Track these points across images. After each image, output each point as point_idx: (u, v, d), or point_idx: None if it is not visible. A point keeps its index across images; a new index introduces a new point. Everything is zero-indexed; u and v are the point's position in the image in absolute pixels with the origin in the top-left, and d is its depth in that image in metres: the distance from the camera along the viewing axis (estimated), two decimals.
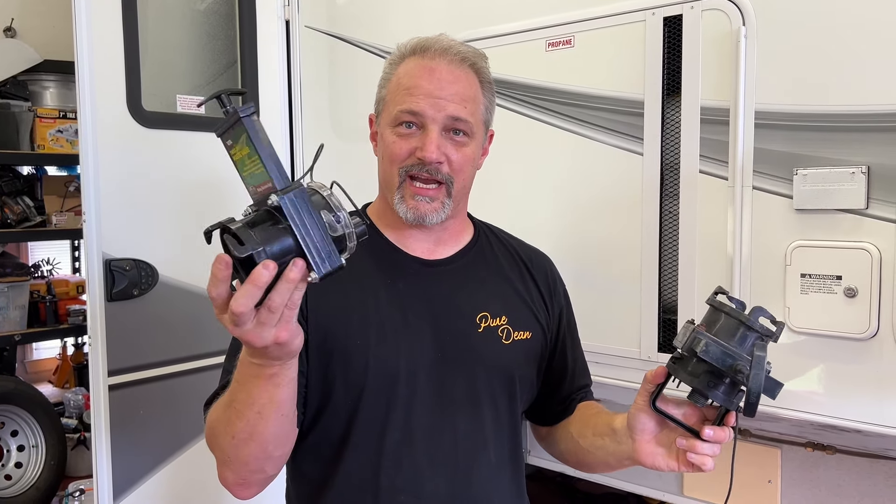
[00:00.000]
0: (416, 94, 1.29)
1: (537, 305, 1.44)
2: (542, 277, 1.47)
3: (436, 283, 1.35)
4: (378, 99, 1.38)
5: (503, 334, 1.36)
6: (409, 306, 1.32)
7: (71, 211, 3.98)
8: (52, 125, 3.80)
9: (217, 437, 1.17)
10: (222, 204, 2.47)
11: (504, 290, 1.41)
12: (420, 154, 1.28)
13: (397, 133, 1.30)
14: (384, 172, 1.34)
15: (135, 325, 2.24)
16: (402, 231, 1.37)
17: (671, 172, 1.82)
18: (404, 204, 1.30)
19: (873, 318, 1.52)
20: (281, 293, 0.92)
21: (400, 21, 2.34)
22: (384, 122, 1.34)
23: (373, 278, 1.32)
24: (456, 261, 1.40)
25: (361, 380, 1.26)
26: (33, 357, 5.44)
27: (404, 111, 1.29)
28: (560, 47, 1.97)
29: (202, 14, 2.52)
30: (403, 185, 1.30)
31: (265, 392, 1.06)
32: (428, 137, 1.28)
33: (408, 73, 1.32)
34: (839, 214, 1.56)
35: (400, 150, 1.29)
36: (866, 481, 1.90)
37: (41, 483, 3.62)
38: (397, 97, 1.31)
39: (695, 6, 1.72)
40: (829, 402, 1.62)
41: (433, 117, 1.28)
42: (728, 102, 1.68)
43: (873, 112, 1.51)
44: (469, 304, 1.35)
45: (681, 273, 1.78)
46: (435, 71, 1.31)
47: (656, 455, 1.22)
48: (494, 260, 1.44)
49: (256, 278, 0.90)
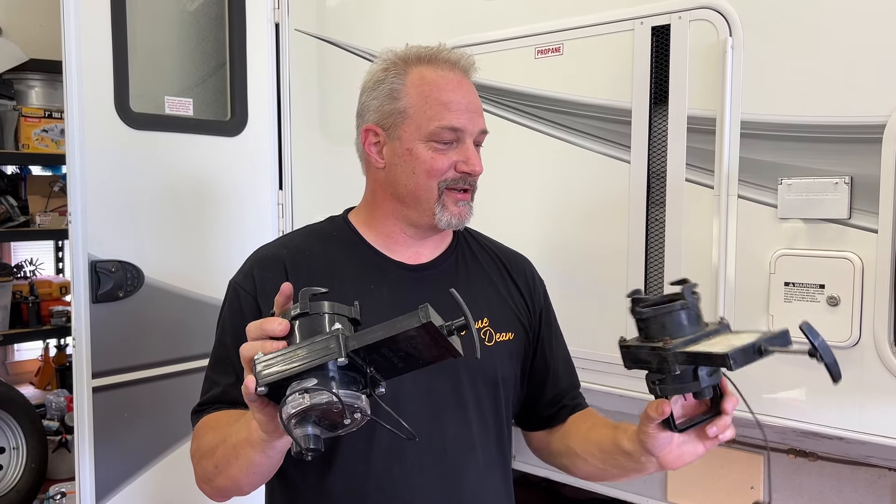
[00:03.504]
0: (453, 108, 1.30)
1: (518, 306, 1.44)
2: (521, 278, 1.48)
3: (419, 288, 1.35)
4: (391, 110, 1.33)
5: (486, 336, 1.37)
6: (392, 313, 1.31)
7: (55, 211, 3.94)
8: (38, 124, 3.76)
9: (200, 458, 1.21)
10: (209, 206, 2.47)
11: (485, 291, 1.42)
12: (467, 168, 1.31)
13: (434, 149, 1.30)
14: (416, 185, 1.32)
15: (120, 327, 2.23)
16: (393, 238, 1.38)
17: (658, 180, 1.83)
18: (447, 212, 1.32)
19: (855, 327, 1.54)
20: (252, 345, 0.99)
21: (390, 26, 2.35)
22: (411, 136, 1.31)
23: (355, 283, 1.32)
24: (438, 264, 1.40)
25: None
26: (15, 358, 5.38)
27: (446, 128, 1.29)
28: (549, 55, 1.98)
29: (192, 15, 2.51)
30: (443, 197, 1.32)
31: (263, 458, 1.10)
32: (470, 151, 1.32)
33: (434, 85, 1.31)
34: (823, 224, 1.58)
35: (442, 165, 1.31)
36: (848, 487, 1.92)
37: (21, 486, 3.57)
38: (431, 111, 1.30)
39: (682, 16, 1.73)
40: (811, 410, 1.63)
41: (471, 132, 1.32)
42: (714, 112, 1.70)
43: (857, 123, 1.53)
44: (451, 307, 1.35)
45: (667, 280, 1.80)
46: (462, 84, 1.33)
47: (683, 456, 1.18)
48: (475, 262, 1.45)
49: (267, 321, 1.00)
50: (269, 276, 1.30)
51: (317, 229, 1.44)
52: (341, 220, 1.43)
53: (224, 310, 1.35)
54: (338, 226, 1.42)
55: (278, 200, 2.63)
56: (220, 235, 2.46)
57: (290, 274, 1.30)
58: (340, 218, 1.44)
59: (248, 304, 1.30)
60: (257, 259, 1.36)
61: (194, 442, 1.26)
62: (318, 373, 0.91)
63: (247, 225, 2.53)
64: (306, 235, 1.42)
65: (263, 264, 1.34)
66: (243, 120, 2.54)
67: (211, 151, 2.45)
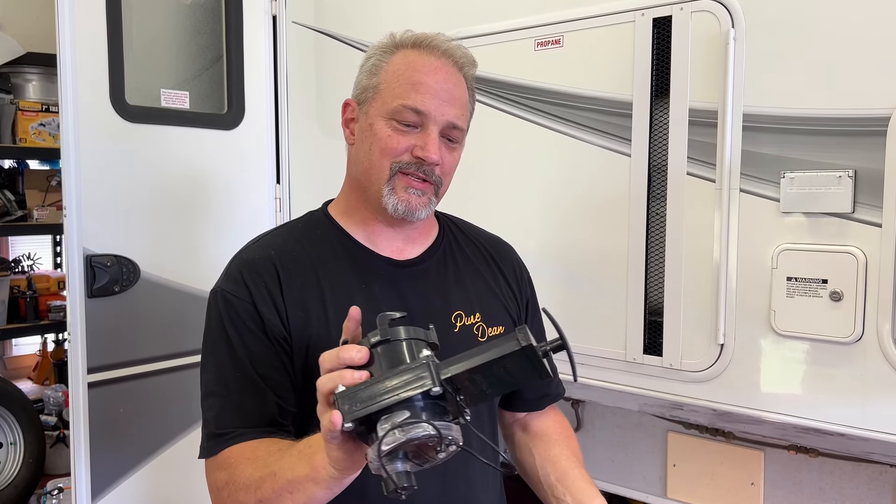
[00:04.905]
0: (422, 91, 1.24)
1: (507, 298, 1.42)
2: (509, 269, 1.45)
3: (409, 285, 1.32)
4: (367, 85, 1.29)
5: (478, 332, 1.34)
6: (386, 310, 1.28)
7: (53, 205, 3.93)
8: (35, 118, 3.75)
9: (236, 491, 1.12)
10: (206, 200, 2.45)
11: (475, 286, 1.39)
12: (422, 154, 1.24)
13: (393, 127, 1.24)
14: (370, 163, 1.27)
15: (115, 322, 2.22)
16: (371, 228, 1.32)
17: (659, 174, 1.81)
18: (394, 196, 1.25)
19: (858, 323, 1.52)
20: (331, 377, 0.92)
21: (388, 17, 2.33)
22: (376, 112, 1.26)
23: (346, 283, 1.27)
24: (426, 260, 1.36)
25: None
26: (13, 353, 5.37)
27: (409, 107, 1.23)
28: (549, 47, 1.96)
29: (188, 8, 2.49)
30: (394, 179, 1.25)
31: (328, 494, 1.03)
32: (430, 137, 1.24)
33: (411, 65, 1.26)
34: (825, 218, 1.57)
35: (397, 145, 1.24)
36: (849, 484, 1.91)
37: (19, 481, 3.57)
38: (399, 89, 1.24)
39: (684, 7, 1.71)
40: (812, 406, 1.62)
41: (436, 119, 1.25)
42: (716, 104, 1.68)
43: (861, 116, 1.51)
44: (443, 304, 1.33)
45: (667, 275, 1.78)
46: (441, 71, 1.27)
47: None
48: (462, 256, 1.41)
49: (345, 349, 0.93)
50: (263, 281, 1.24)
51: (298, 227, 1.37)
52: (321, 215, 1.37)
53: (217, 323, 1.24)
54: (319, 222, 1.36)
55: (276, 194, 2.62)
56: (216, 230, 2.45)
57: (283, 277, 1.25)
58: (320, 212, 1.38)
59: (248, 313, 1.22)
60: (245, 263, 1.27)
61: (223, 472, 1.15)
62: (407, 404, 0.86)
63: (244, 219, 2.51)
64: (288, 234, 1.34)
65: (253, 269, 1.25)
66: (240, 113, 2.52)
67: (208, 145, 2.43)
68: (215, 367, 1.23)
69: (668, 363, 1.79)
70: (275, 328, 1.22)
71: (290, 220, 1.42)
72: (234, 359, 1.21)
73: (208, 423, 1.22)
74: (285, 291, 1.24)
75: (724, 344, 1.71)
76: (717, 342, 1.71)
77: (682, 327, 1.76)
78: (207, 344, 1.26)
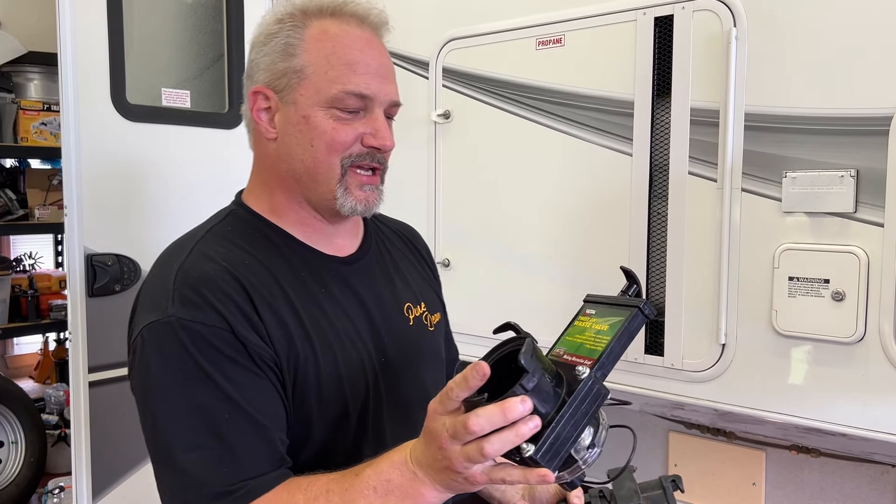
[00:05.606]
0: (361, 71, 1.12)
1: (434, 283, 1.40)
2: (425, 252, 1.42)
3: (359, 282, 1.23)
4: (285, 69, 1.13)
5: (427, 322, 1.30)
6: (351, 314, 1.19)
7: (54, 204, 3.93)
8: (36, 118, 3.75)
9: None
10: (207, 199, 2.44)
11: (411, 274, 1.33)
12: (376, 142, 1.13)
13: (336, 117, 1.12)
14: (315, 161, 1.13)
15: (116, 322, 2.19)
16: (311, 227, 1.20)
17: (660, 173, 1.81)
18: (350, 197, 1.14)
19: (860, 323, 1.52)
20: (503, 440, 0.83)
21: (390, 16, 2.32)
22: (308, 101, 1.12)
23: (309, 290, 1.15)
24: (366, 253, 1.27)
25: (339, 408, 1.14)
26: (14, 352, 5.37)
27: (351, 93, 1.11)
28: (550, 46, 1.95)
29: (189, 7, 2.49)
30: (347, 177, 1.14)
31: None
32: (380, 122, 1.14)
33: (338, 42, 1.13)
34: (827, 218, 1.56)
35: (345, 137, 1.12)
36: (850, 484, 1.91)
37: (20, 480, 3.57)
38: (334, 73, 1.11)
39: (686, 7, 1.71)
40: (814, 405, 1.61)
41: (381, 100, 1.14)
42: (718, 104, 1.68)
43: (863, 115, 1.50)
44: (393, 298, 1.26)
45: (669, 274, 1.78)
46: (372, 44, 1.15)
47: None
48: (391, 244, 1.35)
49: (509, 408, 0.82)
50: (232, 300, 1.05)
51: (229, 230, 1.18)
52: (248, 216, 1.21)
53: (180, 361, 1.01)
54: (251, 223, 1.19)
55: None
56: None
57: (250, 291, 1.07)
58: (245, 212, 1.21)
59: (226, 340, 1.02)
60: (201, 282, 1.05)
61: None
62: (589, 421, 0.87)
63: None
64: (225, 240, 1.15)
65: (215, 286, 1.05)
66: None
67: (209, 144, 2.43)
68: (191, 415, 1.01)
69: (670, 363, 1.79)
70: (261, 352, 1.05)
71: (211, 224, 1.21)
72: (220, 398, 1.01)
73: (201, 485, 0.99)
74: (259, 308, 1.07)
75: (725, 344, 1.71)
76: (718, 342, 1.71)
77: (683, 327, 1.76)
78: (163, 390, 1.02)
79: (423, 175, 2.21)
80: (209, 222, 1.21)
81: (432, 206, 2.19)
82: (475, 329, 2.08)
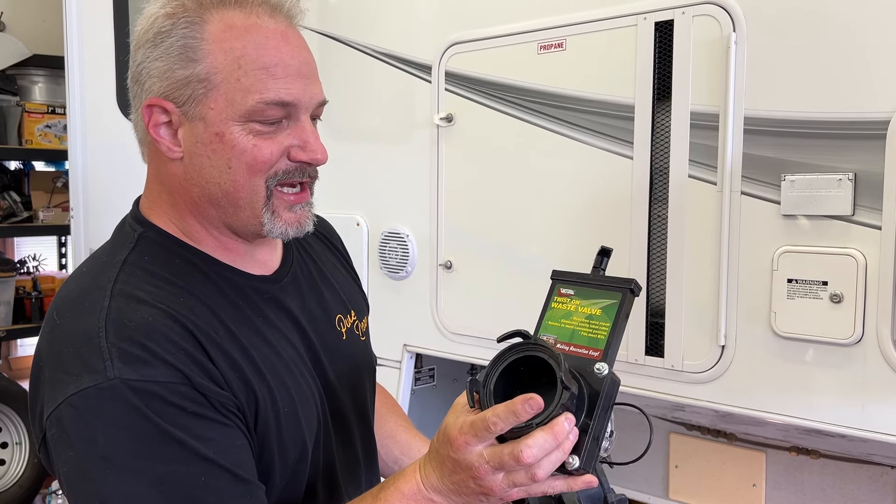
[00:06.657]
0: (279, 74, 0.96)
1: (356, 278, 1.31)
2: (341, 246, 1.31)
3: (290, 301, 1.10)
4: (186, 78, 0.95)
5: (359, 331, 1.22)
6: (292, 339, 1.08)
7: (58, 207, 3.95)
8: (41, 120, 3.77)
9: None
10: None
11: (336, 279, 1.22)
12: (306, 156, 0.99)
13: (255, 132, 0.96)
14: (234, 184, 0.97)
15: None
16: (233, 249, 1.06)
17: (660, 177, 1.82)
18: (279, 220, 1.00)
19: (858, 324, 1.53)
20: (552, 462, 0.82)
21: (392, 20, 2.34)
22: (219, 116, 0.95)
23: (248, 321, 1.02)
24: (289, 267, 1.14)
25: (298, 450, 1.04)
26: (18, 354, 5.39)
27: (272, 103, 0.95)
28: (552, 50, 1.97)
29: None
30: (273, 199, 0.99)
31: None
32: (308, 132, 1.00)
33: (248, 40, 0.95)
34: (826, 220, 1.57)
35: (269, 156, 0.97)
36: (850, 485, 1.91)
37: (24, 481, 3.59)
38: (248, 80, 0.94)
39: (686, 11, 1.72)
40: (813, 407, 1.62)
41: (306, 105, 1.00)
42: (718, 108, 1.69)
43: (861, 119, 1.52)
44: (323, 312, 1.16)
45: (669, 276, 1.79)
46: (288, 38, 0.99)
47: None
48: (311, 248, 1.22)
49: (559, 431, 0.81)
50: (181, 349, 0.91)
51: (146, 260, 1.01)
52: (162, 239, 1.04)
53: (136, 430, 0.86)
54: (170, 249, 1.03)
55: None
56: None
57: (196, 334, 0.94)
58: (155, 235, 1.04)
59: (185, 395, 0.89)
60: (142, 332, 0.90)
61: None
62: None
63: None
64: (145, 273, 0.98)
65: (160, 336, 0.90)
66: None
67: None
68: (159, 489, 0.86)
69: (670, 364, 1.80)
70: (224, 400, 0.93)
71: (118, 254, 1.02)
72: (191, 461, 0.87)
73: None
74: (211, 353, 0.94)
75: (725, 345, 1.72)
76: (718, 343, 1.72)
77: (683, 329, 1.77)
78: (117, 468, 0.86)
79: (425, 178, 2.22)
80: (115, 252, 1.02)
81: (434, 208, 2.21)
82: (477, 331, 2.09)
